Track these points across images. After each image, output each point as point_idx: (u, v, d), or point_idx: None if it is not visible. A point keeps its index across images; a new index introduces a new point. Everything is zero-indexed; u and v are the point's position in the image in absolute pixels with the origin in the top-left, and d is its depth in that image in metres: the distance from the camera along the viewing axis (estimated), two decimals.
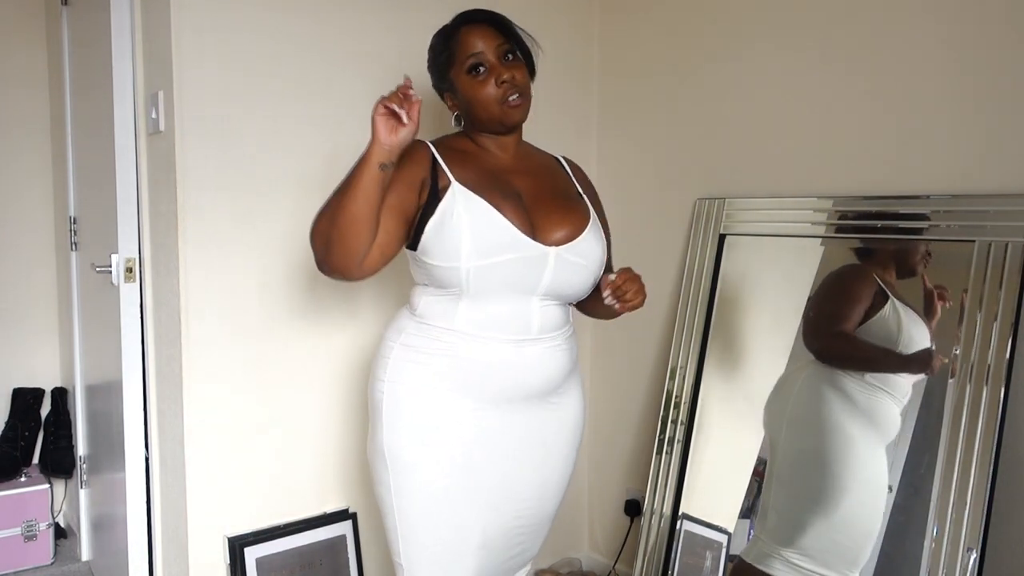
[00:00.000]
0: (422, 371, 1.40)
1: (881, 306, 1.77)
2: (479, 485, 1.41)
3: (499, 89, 1.41)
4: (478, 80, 1.42)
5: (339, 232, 1.29)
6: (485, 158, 1.47)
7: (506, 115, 1.42)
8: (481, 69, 1.42)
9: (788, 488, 1.88)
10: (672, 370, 2.21)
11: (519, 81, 1.42)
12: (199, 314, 1.84)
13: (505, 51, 1.43)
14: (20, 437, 2.66)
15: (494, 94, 1.41)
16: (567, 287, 1.43)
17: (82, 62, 2.34)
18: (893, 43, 1.83)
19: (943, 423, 1.65)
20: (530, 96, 1.46)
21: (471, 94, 1.43)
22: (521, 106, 1.44)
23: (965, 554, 1.57)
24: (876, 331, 1.78)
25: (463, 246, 1.33)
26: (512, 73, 1.41)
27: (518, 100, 1.42)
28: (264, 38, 1.87)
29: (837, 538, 1.76)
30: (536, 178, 1.49)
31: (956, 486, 1.61)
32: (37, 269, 2.81)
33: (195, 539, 1.87)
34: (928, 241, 1.75)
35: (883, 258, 1.80)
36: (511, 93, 1.41)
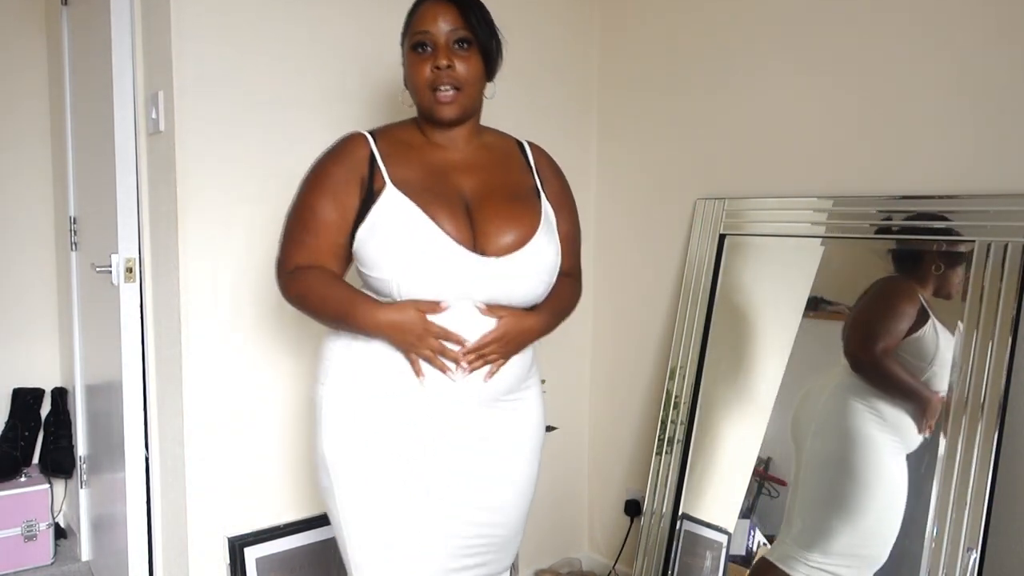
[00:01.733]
0: (363, 374, 1.31)
1: (922, 325, 1.72)
2: (431, 493, 1.30)
3: (432, 74, 1.28)
4: (419, 58, 1.30)
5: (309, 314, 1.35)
6: (431, 153, 1.35)
7: (434, 108, 1.30)
8: (427, 48, 1.29)
9: (813, 493, 1.85)
10: (672, 370, 2.21)
11: (459, 74, 1.28)
12: (199, 314, 1.84)
13: (459, 37, 1.29)
14: (20, 437, 2.66)
15: (427, 78, 1.29)
16: (512, 297, 1.31)
17: (82, 62, 2.34)
18: (893, 43, 1.83)
19: (943, 423, 1.65)
20: (473, 95, 1.33)
21: (409, 72, 1.33)
22: (454, 102, 1.30)
23: (965, 554, 1.57)
24: (914, 349, 1.73)
25: (390, 258, 1.25)
26: (455, 62, 1.28)
27: (450, 95, 1.29)
28: (264, 38, 1.87)
29: (860, 544, 1.74)
30: (487, 175, 1.37)
31: (956, 486, 1.61)
32: (37, 269, 2.81)
33: (195, 539, 1.87)
34: (928, 241, 1.75)
35: (924, 276, 1.74)
36: (443, 83, 1.28)
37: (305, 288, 1.32)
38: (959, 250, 1.69)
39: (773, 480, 1.96)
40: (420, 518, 1.30)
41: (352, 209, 1.30)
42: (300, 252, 1.33)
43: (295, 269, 1.33)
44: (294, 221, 1.35)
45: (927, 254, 1.74)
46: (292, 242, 1.35)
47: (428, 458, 1.31)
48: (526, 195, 1.40)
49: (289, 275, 1.34)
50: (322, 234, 1.31)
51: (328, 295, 1.30)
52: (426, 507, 1.31)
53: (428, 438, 1.31)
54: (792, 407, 1.94)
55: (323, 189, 1.31)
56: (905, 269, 1.79)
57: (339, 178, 1.30)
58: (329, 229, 1.31)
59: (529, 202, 1.39)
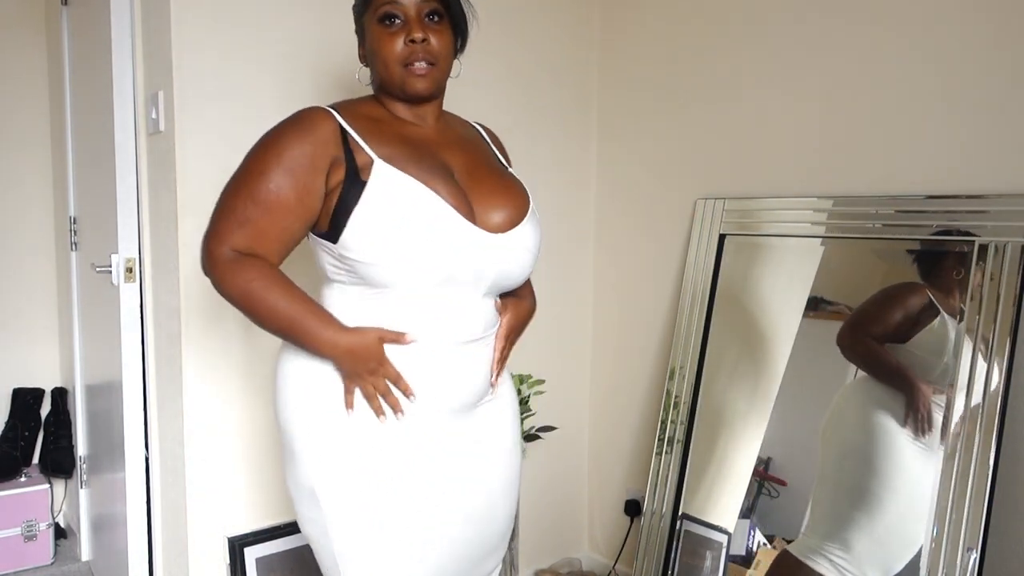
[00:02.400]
0: (337, 395, 1.19)
1: (930, 320, 1.73)
2: (430, 503, 1.23)
3: (405, 48, 1.20)
4: (388, 32, 1.21)
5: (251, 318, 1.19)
6: (402, 127, 1.26)
7: (407, 82, 1.22)
8: (396, 21, 1.21)
9: (835, 488, 1.84)
10: (672, 370, 2.21)
11: (433, 47, 1.21)
12: (199, 314, 1.84)
13: (431, 9, 1.22)
14: (20, 437, 2.66)
15: (399, 53, 1.20)
16: (512, 277, 1.27)
17: (82, 62, 2.34)
18: (893, 43, 1.83)
19: (943, 423, 1.65)
20: (446, 69, 1.26)
21: (376, 46, 1.22)
22: (427, 76, 1.22)
23: (965, 554, 1.57)
24: (924, 344, 1.73)
25: (400, 238, 1.14)
26: (428, 35, 1.21)
27: (424, 68, 1.21)
28: (264, 38, 1.87)
29: (881, 539, 1.73)
30: (464, 151, 1.30)
31: (956, 486, 1.61)
32: (37, 269, 2.81)
33: (195, 539, 1.87)
34: (928, 241, 1.75)
35: (945, 281, 1.73)
36: (418, 58, 1.21)
37: (251, 287, 1.15)
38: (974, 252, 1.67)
39: (773, 480, 1.96)
40: (421, 534, 1.22)
41: (316, 194, 1.16)
42: (242, 232, 1.15)
43: (233, 255, 1.16)
44: (241, 195, 1.16)
45: (948, 257, 1.72)
46: (234, 219, 1.16)
47: (422, 470, 1.22)
48: (506, 172, 1.37)
49: (228, 262, 1.16)
50: (276, 215, 1.15)
51: (279, 303, 1.15)
52: (425, 520, 1.22)
53: (420, 450, 1.22)
54: (792, 408, 1.94)
55: (281, 165, 1.16)
56: (925, 273, 1.77)
57: (302, 157, 1.16)
58: (284, 211, 1.15)
59: (512, 179, 1.35)
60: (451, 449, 1.25)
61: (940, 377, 1.70)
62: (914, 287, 1.78)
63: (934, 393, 1.70)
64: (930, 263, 1.75)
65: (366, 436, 1.20)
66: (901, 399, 1.75)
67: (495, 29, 2.20)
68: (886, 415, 1.77)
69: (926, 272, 1.76)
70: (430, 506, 1.23)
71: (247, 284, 1.15)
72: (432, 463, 1.23)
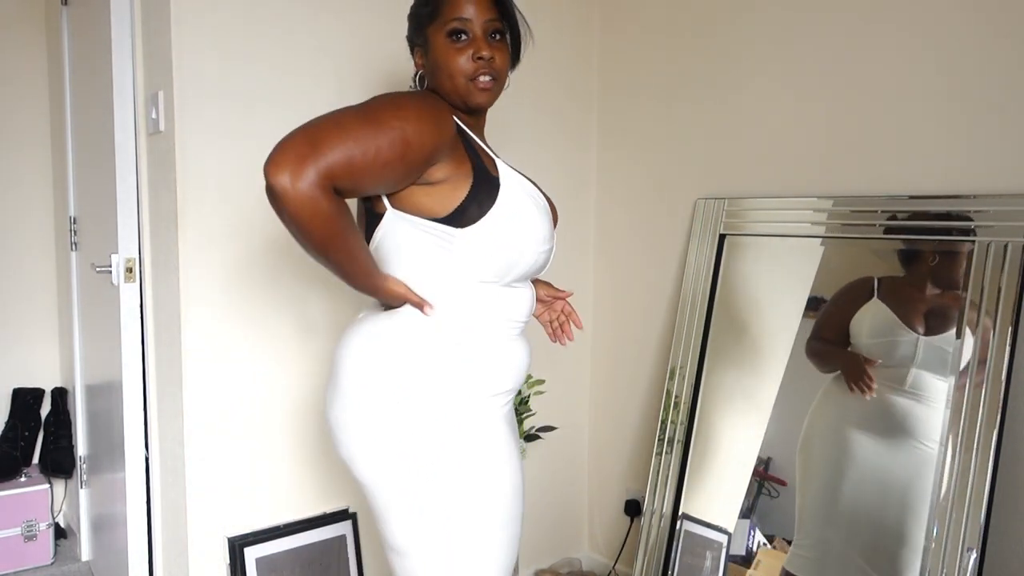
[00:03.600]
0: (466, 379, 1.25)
1: (866, 301, 1.84)
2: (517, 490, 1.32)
3: (473, 64, 1.27)
4: (456, 47, 1.28)
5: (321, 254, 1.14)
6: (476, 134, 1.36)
7: (471, 94, 1.29)
8: (463, 36, 1.28)
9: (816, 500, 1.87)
10: (672, 370, 2.21)
11: (497, 64, 1.30)
12: (199, 314, 1.84)
13: (494, 28, 1.30)
14: (20, 437, 2.66)
15: (467, 67, 1.28)
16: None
17: (82, 62, 2.34)
18: (893, 43, 1.83)
19: (943, 423, 1.66)
20: (503, 84, 1.34)
21: (443, 59, 1.29)
22: (490, 90, 1.30)
23: (965, 554, 1.57)
24: (860, 324, 1.85)
25: (527, 235, 1.25)
26: (494, 53, 1.29)
27: (489, 83, 1.29)
28: (264, 38, 1.88)
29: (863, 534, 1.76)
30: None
31: (956, 486, 1.61)
32: (37, 269, 2.81)
33: (195, 539, 1.87)
34: (928, 241, 1.75)
35: (921, 268, 1.78)
36: (484, 73, 1.28)
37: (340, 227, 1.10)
38: (957, 248, 1.70)
39: (773, 480, 1.96)
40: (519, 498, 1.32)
41: (422, 166, 1.17)
42: (348, 160, 1.07)
43: (328, 182, 1.06)
44: (369, 119, 1.11)
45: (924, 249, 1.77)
46: (348, 139, 1.08)
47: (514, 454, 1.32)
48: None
49: (323, 188, 1.05)
50: (400, 157, 1.12)
51: (362, 252, 1.18)
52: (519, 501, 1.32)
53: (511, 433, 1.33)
54: (792, 408, 1.94)
55: (413, 120, 1.14)
56: (905, 265, 1.82)
57: (431, 125, 1.17)
58: (413, 166, 1.16)
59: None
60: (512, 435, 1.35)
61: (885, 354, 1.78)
62: (857, 282, 1.87)
63: (870, 365, 1.79)
64: (909, 255, 1.80)
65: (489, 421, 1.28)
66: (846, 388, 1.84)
67: None
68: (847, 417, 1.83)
69: (920, 266, 1.79)
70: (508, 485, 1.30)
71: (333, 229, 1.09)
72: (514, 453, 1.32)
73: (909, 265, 1.80)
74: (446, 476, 1.23)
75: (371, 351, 1.26)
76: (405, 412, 1.22)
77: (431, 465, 1.23)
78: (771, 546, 1.92)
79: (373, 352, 1.26)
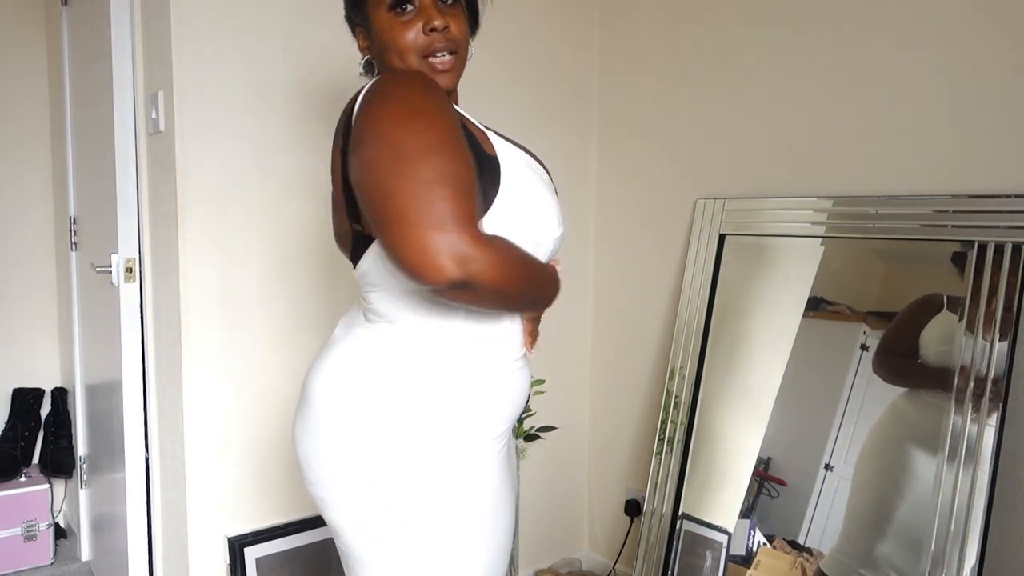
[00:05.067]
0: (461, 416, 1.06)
1: (938, 312, 1.73)
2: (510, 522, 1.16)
3: (425, 38, 1.07)
4: (400, 20, 1.08)
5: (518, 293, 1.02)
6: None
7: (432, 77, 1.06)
8: (408, 7, 1.07)
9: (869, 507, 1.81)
10: (672, 370, 2.21)
11: (453, 34, 1.08)
12: (199, 314, 1.84)
13: None
14: (20, 437, 2.66)
15: (417, 43, 1.07)
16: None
17: (82, 62, 2.34)
18: (893, 43, 1.83)
19: (943, 422, 1.65)
20: (465, 57, 1.13)
21: (388, 36, 1.08)
22: (452, 69, 1.10)
23: (965, 554, 1.57)
24: (932, 336, 1.73)
25: (549, 217, 1.08)
26: (447, 21, 1.07)
27: (448, 60, 1.08)
28: (264, 37, 1.88)
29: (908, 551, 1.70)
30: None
31: (956, 486, 1.61)
32: (37, 269, 2.81)
33: (195, 539, 1.87)
34: (927, 241, 1.75)
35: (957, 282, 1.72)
36: (440, 49, 1.08)
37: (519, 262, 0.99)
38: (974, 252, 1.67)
39: (773, 480, 1.96)
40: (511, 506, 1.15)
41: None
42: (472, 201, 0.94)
43: (482, 234, 0.93)
44: (453, 159, 0.94)
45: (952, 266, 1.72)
46: (461, 189, 0.92)
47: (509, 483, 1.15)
48: None
49: (487, 244, 0.92)
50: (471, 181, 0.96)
51: (537, 265, 1.04)
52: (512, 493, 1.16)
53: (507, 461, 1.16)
54: (792, 408, 1.94)
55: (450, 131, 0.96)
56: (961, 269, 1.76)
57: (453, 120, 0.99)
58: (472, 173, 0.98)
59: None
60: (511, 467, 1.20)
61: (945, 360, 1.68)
62: (931, 296, 1.75)
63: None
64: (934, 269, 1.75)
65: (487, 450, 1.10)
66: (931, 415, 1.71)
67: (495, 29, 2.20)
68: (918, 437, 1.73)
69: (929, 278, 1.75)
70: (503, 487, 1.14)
71: (519, 264, 0.99)
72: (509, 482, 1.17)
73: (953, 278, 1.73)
74: (426, 527, 1.05)
75: (349, 378, 1.07)
76: (386, 451, 1.04)
77: (411, 513, 1.05)
78: (771, 546, 1.92)
79: (352, 379, 1.07)
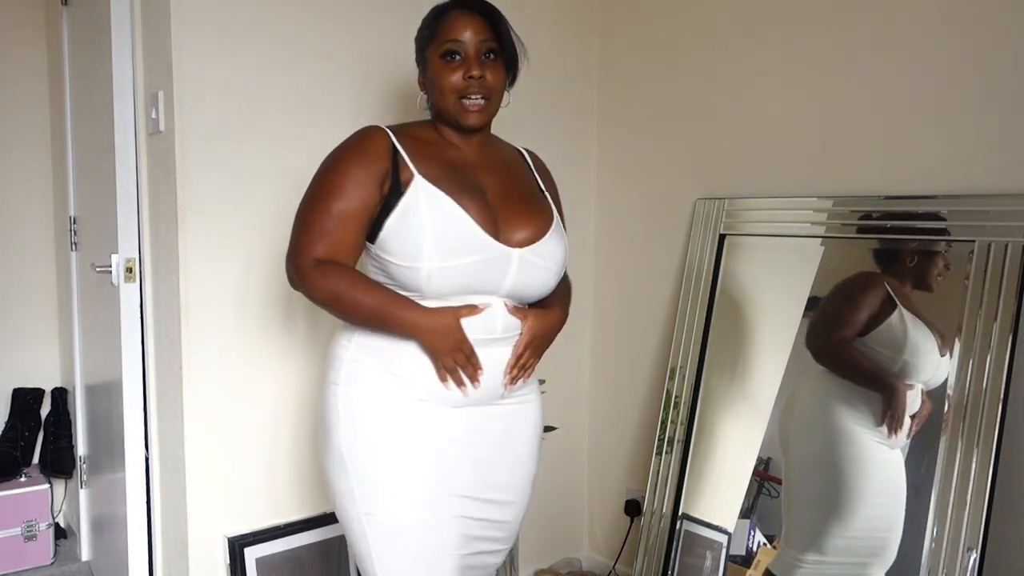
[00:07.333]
0: (381, 375, 1.34)
1: (888, 314, 1.76)
2: (451, 494, 1.36)
3: (464, 82, 1.35)
4: (449, 66, 1.36)
5: (340, 315, 1.36)
6: (448, 151, 1.41)
7: (461, 114, 1.36)
8: (456, 56, 1.36)
9: (804, 495, 1.87)
10: (672, 370, 2.21)
11: (489, 83, 1.36)
12: (199, 314, 1.84)
13: (488, 48, 1.37)
14: (20, 437, 2.66)
15: (457, 85, 1.35)
16: (530, 289, 1.39)
17: (82, 62, 2.34)
18: (893, 43, 1.83)
19: (943, 423, 1.65)
20: (497, 103, 1.41)
21: (437, 79, 1.37)
22: (482, 110, 1.37)
23: (965, 554, 1.57)
24: (882, 339, 1.77)
25: (425, 245, 1.27)
26: (485, 72, 1.35)
27: (479, 103, 1.36)
28: (264, 37, 1.88)
29: (854, 542, 1.75)
30: (501, 175, 1.44)
31: (956, 486, 1.61)
32: (37, 269, 2.81)
33: (195, 539, 1.87)
34: (928, 241, 1.75)
35: (900, 269, 1.78)
36: (474, 92, 1.35)
37: (338, 287, 1.31)
38: (935, 248, 1.73)
39: (773, 480, 1.96)
40: (439, 511, 1.34)
41: (373, 204, 1.32)
42: (322, 242, 1.31)
43: (316, 263, 1.31)
44: (317, 210, 1.33)
45: (903, 249, 1.78)
46: (313, 232, 1.32)
47: (451, 458, 1.35)
48: (536, 194, 1.50)
49: (314, 269, 1.31)
50: (346, 224, 1.31)
51: (364, 298, 1.31)
52: (446, 500, 1.35)
53: (450, 438, 1.35)
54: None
55: (346, 179, 1.32)
56: (882, 265, 1.83)
57: (363, 170, 1.32)
58: (354, 221, 1.31)
59: (542, 201, 1.48)
60: (464, 440, 1.37)
61: (902, 372, 1.73)
62: (872, 280, 1.83)
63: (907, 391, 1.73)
64: (887, 255, 1.80)
65: (400, 417, 1.34)
66: (867, 399, 1.78)
67: None
68: (852, 417, 1.80)
69: (898, 267, 1.79)
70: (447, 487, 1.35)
71: (334, 287, 1.31)
72: (457, 449, 1.36)
73: (886, 267, 1.81)
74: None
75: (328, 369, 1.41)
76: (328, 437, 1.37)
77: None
78: (771, 546, 1.92)
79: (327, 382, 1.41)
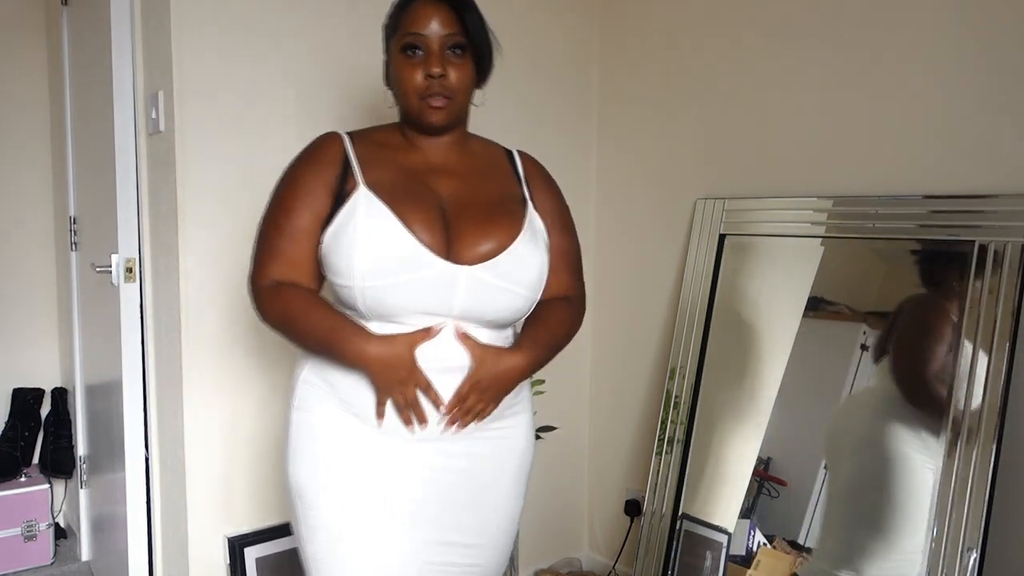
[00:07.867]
0: (329, 398, 1.24)
1: (957, 343, 1.68)
2: (403, 526, 1.23)
3: (423, 81, 1.20)
4: (409, 62, 1.21)
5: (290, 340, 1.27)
6: (410, 155, 1.28)
7: (423, 113, 1.22)
8: (417, 52, 1.21)
9: (849, 512, 1.81)
10: (672, 370, 2.21)
11: (452, 82, 1.21)
12: (199, 314, 1.84)
13: (454, 43, 1.21)
14: (20, 437, 2.66)
15: (417, 84, 1.21)
16: (489, 311, 1.21)
17: (82, 62, 2.34)
18: (893, 43, 1.83)
19: (943, 423, 1.65)
20: (464, 103, 1.26)
21: (398, 74, 1.24)
22: (443, 109, 1.22)
23: (965, 554, 1.57)
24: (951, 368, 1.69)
25: (355, 263, 1.15)
26: (448, 70, 1.20)
27: (440, 102, 1.21)
28: (264, 37, 1.88)
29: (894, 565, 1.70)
30: (466, 181, 1.29)
31: (956, 486, 1.61)
32: (37, 269, 2.81)
33: (195, 539, 1.87)
34: (928, 241, 1.75)
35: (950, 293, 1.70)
36: (435, 92, 1.21)
37: (287, 310, 1.22)
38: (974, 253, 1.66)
39: (773, 480, 1.96)
40: (394, 547, 1.23)
41: (323, 214, 1.21)
42: (276, 262, 1.23)
43: (272, 284, 1.23)
44: (269, 229, 1.25)
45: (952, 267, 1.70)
46: (268, 251, 1.24)
47: (402, 488, 1.23)
48: (508, 203, 1.31)
49: (267, 291, 1.23)
50: (300, 241, 1.22)
51: (313, 320, 1.20)
52: (401, 536, 1.23)
53: (401, 467, 1.23)
54: (792, 408, 1.94)
55: (296, 192, 1.23)
56: (932, 283, 1.75)
57: (310, 180, 1.23)
58: (306, 236, 1.22)
59: (510, 209, 1.29)
60: (433, 476, 1.25)
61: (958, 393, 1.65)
62: (944, 311, 1.71)
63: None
64: (934, 269, 1.74)
65: (354, 447, 1.24)
66: (925, 423, 1.70)
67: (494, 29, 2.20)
68: (909, 443, 1.72)
69: (929, 279, 1.74)
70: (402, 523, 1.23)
71: (283, 309, 1.23)
72: (413, 484, 1.24)
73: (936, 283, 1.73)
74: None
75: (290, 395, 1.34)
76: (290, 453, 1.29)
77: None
78: (771, 546, 1.92)
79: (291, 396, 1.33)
